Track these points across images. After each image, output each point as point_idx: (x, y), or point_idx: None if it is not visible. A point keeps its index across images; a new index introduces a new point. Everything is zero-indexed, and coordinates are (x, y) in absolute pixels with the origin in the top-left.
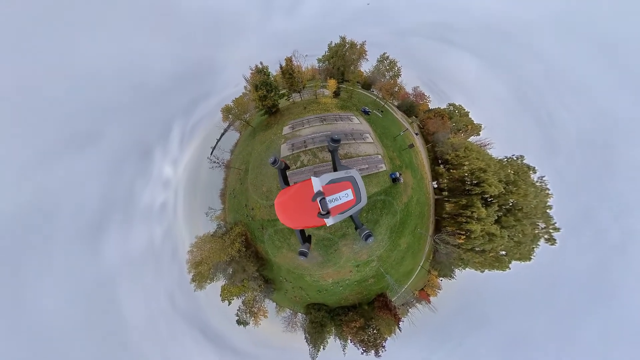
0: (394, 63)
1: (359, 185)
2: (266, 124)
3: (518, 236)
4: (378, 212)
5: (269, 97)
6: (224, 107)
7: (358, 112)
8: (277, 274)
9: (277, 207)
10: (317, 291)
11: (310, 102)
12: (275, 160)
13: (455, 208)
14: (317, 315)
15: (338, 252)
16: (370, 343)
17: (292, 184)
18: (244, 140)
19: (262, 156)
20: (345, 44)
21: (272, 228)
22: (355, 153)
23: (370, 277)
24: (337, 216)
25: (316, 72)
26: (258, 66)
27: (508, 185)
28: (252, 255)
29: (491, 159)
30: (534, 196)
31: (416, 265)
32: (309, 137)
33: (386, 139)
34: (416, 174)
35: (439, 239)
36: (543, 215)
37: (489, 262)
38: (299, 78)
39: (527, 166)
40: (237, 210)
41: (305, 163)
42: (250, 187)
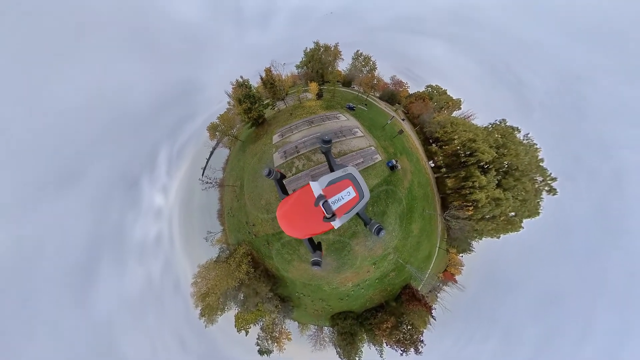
0: (368, 58)
1: (358, 180)
2: (255, 136)
3: (521, 194)
4: (383, 203)
5: (253, 108)
6: (209, 125)
7: (343, 109)
8: (292, 290)
9: (280, 218)
10: (338, 299)
11: (295, 108)
12: (269, 171)
13: (456, 182)
14: (344, 325)
15: (352, 253)
16: (407, 341)
17: (291, 193)
18: (234, 155)
19: (256, 169)
20: (320, 48)
21: (278, 242)
22: (349, 149)
23: (390, 272)
24: (344, 216)
25: (296, 78)
26: (239, 80)
27: (499, 149)
28: (262, 274)
29: (477, 128)
30: (525, 154)
31: (433, 248)
32: (300, 141)
33: (375, 130)
34: (412, 158)
35: (449, 215)
36: (538, 169)
37: (502, 226)
38: (281, 86)
39: (511, 127)
40: (238, 230)
41: (300, 168)
42: (248, 203)
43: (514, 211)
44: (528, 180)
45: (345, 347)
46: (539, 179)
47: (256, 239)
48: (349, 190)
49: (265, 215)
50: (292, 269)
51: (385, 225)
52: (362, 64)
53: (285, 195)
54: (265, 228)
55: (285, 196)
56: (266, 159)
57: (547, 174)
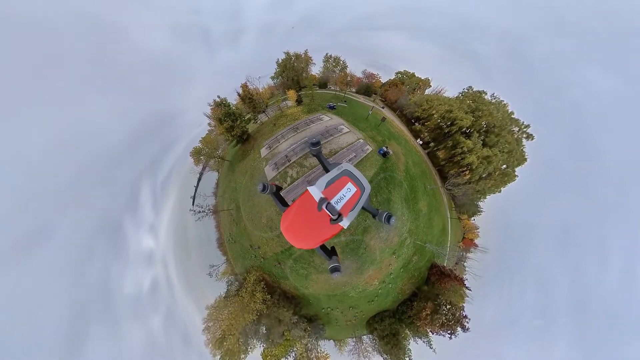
0: (337, 59)
1: (356, 175)
2: (242, 153)
3: (506, 147)
4: (385, 191)
5: (236, 126)
6: (192, 150)
7: (325, 110)
8: (318, 306)
9: (286, 232)
10: (368, 302)
11: (278, 118)
12: (264, 186)
13: (446, 153)
14: (383, 327)
15: (368, 248)
16: (451, 322)
17: (291, 203)
18: (224, 177)
19: (249, 187)
20: (291, 57)
21: (289, 258)
22: (339, 147)
23: (412, 257)
24: (350, 214)
25: (273, 89)
26: (216, 100)
27: (474, 113)
28: (281, 299)
29: (450, 99)
30: (497, 111)
31: (445, 220)
32: (289, 150)
33: (360, 122)
34: (400, 141)
35: (450, 185)
36: (512, 121)
37: (499, 180)
38: (259, 99)
39: (478, 91)
40: (243, 256)
41: (295, 176)
42: (248, 225)
43: (504, 164)
44: (507, 132)
45: (391, 351)
46: (515, 130)
47: (265, 262)
48: (349, 187)
49: (270, 234)
50: (312, 284)
51: (393, 212)
52: (333, 65)
53: (285, 208)
54: (272, 247)
55: (285, 208)
56: (258, 175)
57: (520, 123)
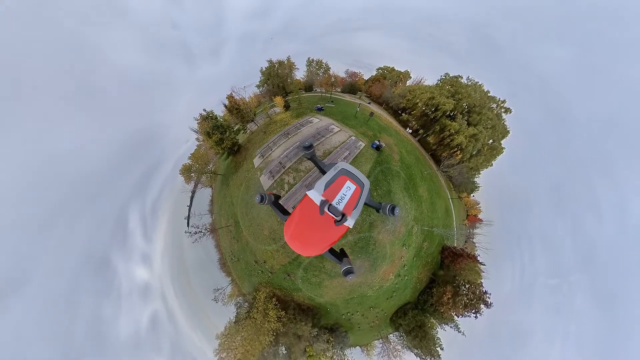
0: (320, 62)
1: (353, 172)
2: (234, 166)
3: (488, 123)
4: (384, 183)
5: (225, 138)
6: (182, 167)
7: (313, 112)
8: (337, 313)
9: (291, 241)
10: (387, 298)
11: (267, 125)
12: (261, 197)
13: (436, 137)
14: (408, 321)
15: (378, 243)
16: (473, 300)
17: (292, 211)
18: (218, 192)
19: (246, 200)
20: (274, 64)
21: (298, 268)
22: (332, 147)
23: (422, 244)
24: (354, 212)
25: (260, 97)
26: (202, 114)
27: (454, 96)
28: (296, 313)
29: (430, 87)
30: (474, 92)
31: (447, 201)
32: (282, 156)
33: (349, 120)
34: (390, 132)
35: (445, 167)
36: (489, 99)
37: (489, 155)
38: (247, 108)
39: (455, 77)
40: (249, 274)
41: (292, 182)
42: (250, 239)
43: (490, 139)
44: (487, 110)
45: (420, 344)
46: (494, 106)
47: (274, 276)
48: (348, 185)
49: (274, 246)
50: (326, 291)
51: (396, 202)
52: (317, 68)
53: (287, 216)
54: (278, 259)
55: (287, 216)
56: (254, 186)
57: (497, 99)
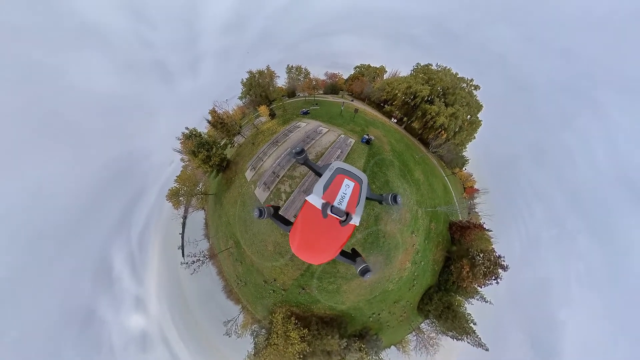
0: (299, 68)
1: (349, 169)
2: (226, 182)
3: (463, 101)
4: (381, 174)
5: (212, 154)
6: (168, 192)
7: (299, 117)
8: (363, 317)
9: (298, 252)
10: (410, 288)
11: (255, 136)
12: (260, 211)
13: (420, 122)
14: (435, 305)
15: (388, 235)
16: (491, 267)
17: (294, 220)
18: (212, 214)
19: (244, 216)
20: (255, 75)
21: (312, 278)
22: (323, 148)
23: (429, 225)
24: (357, 209)
25: (244, 109)
26: (185, 132)
27: (428, 82)
28: (320, 327)
29: (406, 77)
30: (445, 76)
31: (443, 179)
32: (275, 165)
33: (335, 120)
34: (377, 125)
35: (433, 148)
36: (459, 80)
37: (470, 129)
38: (232, 122)
39: (425, 65)
40: (260, 296)
41: (289, 190)
42: (254, 259)
43: (468, 114)
44: (459, 90)
45: (453, 325)
46: (464, 85)
47: (288, 293)
48: (347, 183)
49: (282, 260)
50: (346, 296)
51: (396, 190)
52: (297, 74)
53: (289, 226)
54: (289, 274)
55: (290, 226)
56: (250, 201)
57: (466, 79)
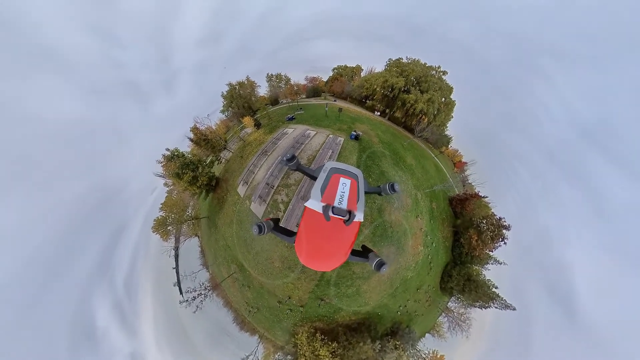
0: (279, 75)
1: (343, 168)
2: (218, 202)
3: (436, 86)
4: (375, 167)
5: (199, 174)
6: (154, 223)
7: (285, 123)
8: (390, 312)
9: (308, 261)
10: (428, 271)
11: (242, 149)
12: (259, 227)
13: (401, 112)
14: (457, 281)
15: (394, 224)
16: (496, 231)
17: (297, 229)
18: (207, 239)
19: (243, 236)
20: (235, 87)
21: (329, 287)
22: (314, 151)
23: (431, 205)
24: (359, 205)
25: (227, 122)
26: (166, 154)
27: (402, 74)
28: (348, 336)
29: (381, 73)
30: (415, 66)
31: (433, 160)
32: (267, 176)
33: (322, 121)
34: (362, 120)
35: (418, 133)
36: (428, 68)
37: (446, 110)
38: (216, 137)
39: (397, 60)
40: (277, 320)
41: (286, 200)
42: (262, 280)
43: (442, 97)
44: (430, 77)
45: (477, 295)
46: (434, 73)
47: (306, 309)
48: (343, 181)
49: (292, 275)
50: (368, 296)
51: (393, 180)
52: (277, 81)
53: (294, 236)
54: (304, 288)
55: (294, 237)
56: (246, 218)
57: (434, 67)
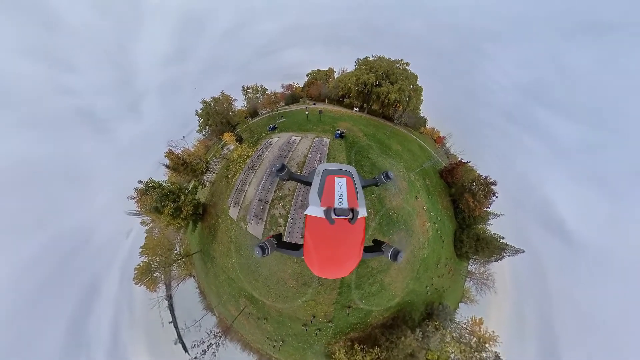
0: (255, 86)
1: (335, 167)
2: (209, 232)
3: (402, 77)
4: (365, 160)
5: (182, 204)
6: (135, 273)
7: (268, 134)
8: (419, 296)
9: (322, 271)
10: (441, 245)
11: (226, 167)
12: (261, 248)
13: (378, 104)
14: (468, 245)
15: (397, 209)
16: (486, 189)
17: (302, 240)
18: (205, 277)
19: (246, 263)
20: (209, 103)
21: (351, 292)
22: (302, 156)
23: (425, 182)
24: (359, 201)
25: (206, 142)
26: (139, 187)
27: (372, 71)
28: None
29: (353, 72)
30: (381, 62)
31: (416, 141)
32: (259, 192)
33: (305, 126)
34: (344, 118)
35: (397, 120)
36: (393, 62)
37: (415, 95)
38: (195, 159)
39: (364, 58)
40: (307, 346)
41: (285, 213)
42: (279, 306)
43: (410, 85)
44: (396, 69)
45: (490, 250)
46: (398, 65)
47: (335, 323)
48: (339, 181)
49: (310, 290)
50: (393, 287)
51: (386, 168)
52: (254, 93)
53: (301, 249)
54: (326, 301)
55: (301, 249)
56: (245, 242)
57: (398, 60)
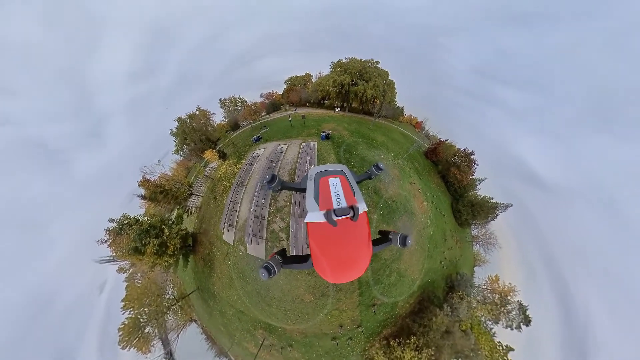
0: (233, 98)
1: (326, 169)
2: (204, 264)
3: (374, 74)
4: (354, 156)
5: (167, 238)
6: (120, 333)
7: (254, 146)
8: (437, 274)
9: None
10: (443, 220)
11: (212, 188)
12: (267, 268)
13: (357, 102)
14: (466, 213)
15: (395, 197)
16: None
17: (309, 251)
18: (209, 318)
19: (254, 290)
20: (185, 120)
21: (372, 288)
22: (292, 163)
23: (414, 166)
24: (357, 196)
25: (186, 163)
26: (112, 227)
27: (347, 72)
28: (418, 321)
29: (329, 74)
30: (354, 63)
31: (398, 130)
32: (253, 208)
33: (290, 132)
34: (327, 119)
35: (377, 114)
36: (365, 62)
37: (391, 89)
38: (176, 184)
39: (338, 61)
40: (344, 357)
41: (285, 225)
42: (302, 326)
43: (383, 80)
44: (368, 68)
45: (485, 212)
46: (370, 64)
47: (365, 327)
48: (332, 181)
49: (330, 300)
50: (410, 272)
51: (375, 160)
52: (232, 105)
53: (309, 259)
54: (349, 306)
55: (309, 260)
56: (248, 267)
57: (369, 60)
